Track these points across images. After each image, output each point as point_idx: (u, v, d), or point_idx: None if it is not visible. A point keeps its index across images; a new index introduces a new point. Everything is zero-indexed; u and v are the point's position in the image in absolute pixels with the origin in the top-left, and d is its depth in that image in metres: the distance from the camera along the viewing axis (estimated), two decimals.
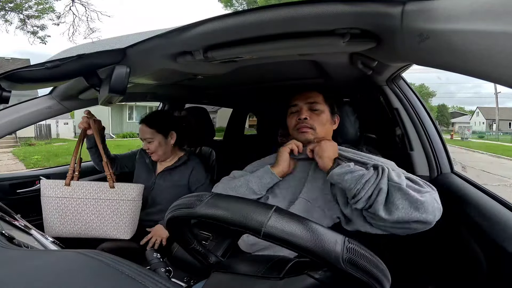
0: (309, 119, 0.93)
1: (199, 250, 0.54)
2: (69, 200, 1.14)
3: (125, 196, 1.16)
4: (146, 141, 1.31)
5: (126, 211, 1.16)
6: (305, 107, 0.96)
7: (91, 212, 1.15)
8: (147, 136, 1.30)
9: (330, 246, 0.35)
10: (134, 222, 1.18)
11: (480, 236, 0.70)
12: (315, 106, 0.96)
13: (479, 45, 0.34)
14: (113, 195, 1.16)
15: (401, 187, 0.68)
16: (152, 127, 1.30)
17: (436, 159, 1.05)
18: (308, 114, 0.95)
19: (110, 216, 1.15)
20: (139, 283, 0.34)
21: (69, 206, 1.14)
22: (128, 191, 1.17)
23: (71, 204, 1.14)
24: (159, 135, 1.31)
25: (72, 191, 1.15)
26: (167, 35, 0.68)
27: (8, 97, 0.72)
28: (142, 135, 1.32)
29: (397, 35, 0.50)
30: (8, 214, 0.74)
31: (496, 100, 29.12)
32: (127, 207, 1.16)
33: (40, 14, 10.82)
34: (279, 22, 0.55)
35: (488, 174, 8.09)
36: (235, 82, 1.36)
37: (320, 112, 0.96)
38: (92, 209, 1.15)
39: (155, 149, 1.31)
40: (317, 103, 0.96)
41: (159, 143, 1.31)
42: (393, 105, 1.13)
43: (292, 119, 0.98)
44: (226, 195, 0.45)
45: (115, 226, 1.15)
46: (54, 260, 0.42)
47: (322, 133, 0.94)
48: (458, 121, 41.84)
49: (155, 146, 1.30)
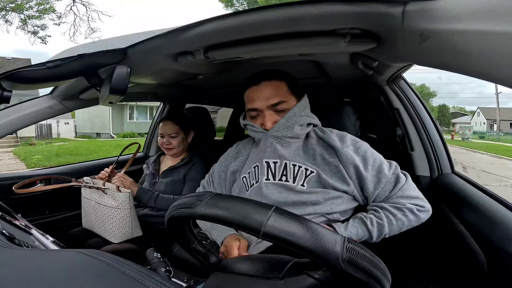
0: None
1: (199, 250, 0.54)
2: (85, 201, 1.26)
3: (111, 203, 1.18)
4: (169, 137, 1.38)
5: (113, 217, 1.17)
6: (269, 112, 0.83)
7: (93, 214, 1.23)
8: (171, 132, 1.38)
9: (329, 246, 0.35)
10: (121, 228, 1.17)
11: (480, 236, 0.70)
12: (280, 106, 0.82)
13: (480, 45, 0.34)
14: (105, 201, 1.19)
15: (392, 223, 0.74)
16: (178, 124, 1.39)
17: (436, 159, 1.05)
18: (274, 119, 0.83)
19: (103, 219, 1.20)
20: (139, 283, 0.34)
21: (85, 206, 1.26)
22: (116, 199, 1.18)
23: (85, 204, 1.26)
24: (182, 132, 1.40)
25: (87, 193, 1.26)
26: (168, 35, 0.68)
27: (9, 97, 0.72)
28: (165, 131, 1.38)
29: (398, 35, 0.50)
30: (8, 213, 0.74)
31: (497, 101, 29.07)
32: (113, 214, 1.17)
33: (41, 14, 10.83)
34: (280, 22, 0.55)
35: (488, 175, 8.07)
36: (236, 82, 1.36)
37: (286, 107, 0.83)
38: (94, 211, 1.23)
39: (178, 144, 1.39)
40: (282, 101, 0.82)
41: (182, 139, 1.40)
42: (394, 105, 1.13)
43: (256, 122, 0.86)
44: (226, 195, 0.45)
45: (106, 229, 1.20)
46: (54, 259, 0.42)
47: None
48: (459, 121, 41.76)
49: (178, 142, 1.39)
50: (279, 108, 0.82)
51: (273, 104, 0.82)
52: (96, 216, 1.21)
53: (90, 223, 1.26)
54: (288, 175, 0.81)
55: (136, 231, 1.21)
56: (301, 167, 0.81)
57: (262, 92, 0.83)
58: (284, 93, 0.83)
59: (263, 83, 0.83)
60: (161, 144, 1.41)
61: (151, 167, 1.46)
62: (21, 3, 10.42)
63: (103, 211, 1.19)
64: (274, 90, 0.82)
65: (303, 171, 0.80)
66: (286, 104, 0.83)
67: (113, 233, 1.17)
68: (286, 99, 0.83)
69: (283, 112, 0.83)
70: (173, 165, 1.41)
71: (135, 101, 2.19)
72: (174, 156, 1.43)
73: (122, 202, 1.16)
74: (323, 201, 0.78)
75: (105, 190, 1.18)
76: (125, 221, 1.17)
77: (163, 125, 1.40)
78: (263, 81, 0.83)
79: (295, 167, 0.81)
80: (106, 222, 1.18)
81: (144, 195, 1.31)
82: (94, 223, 1.23)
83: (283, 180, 0.81)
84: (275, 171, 0.83)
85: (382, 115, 1.24)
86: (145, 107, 16.19)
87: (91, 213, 1.24)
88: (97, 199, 1.21)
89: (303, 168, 0.80)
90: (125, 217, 1.17)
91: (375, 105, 1.28)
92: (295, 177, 0.81)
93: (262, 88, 0.83)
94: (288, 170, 0.81)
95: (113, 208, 1.16)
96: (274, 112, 0.83)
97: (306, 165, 0.81)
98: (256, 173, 0.85)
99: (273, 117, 0.83)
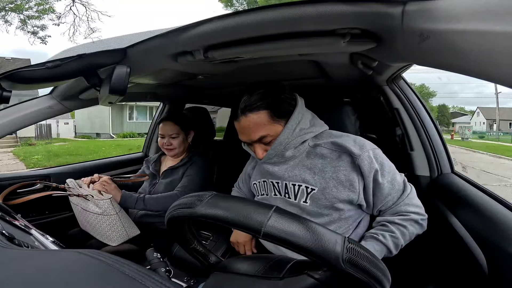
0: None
1: (199, 250, 0.54)
2: (73, 206, 1.20)
3: (96, 210, 1.11)
4: (170, 137, 1.37)
5: (102, 223, 1.12)
6: (257, 144, 0.81)
7: (84, 219, 1.18)
8: (172, 133, 1.37)
9: (330, 246, 0.35)
10: (114, 232, 1.12)
11: (480, 236, 0.70)
12: (264, 140, 0.80)
13: (480, 45, 0.34)
14: (89, 207, 1.12)
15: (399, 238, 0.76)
16: (179, 124, 1.39)
17: (436, 159, 1.05)
18: (264, 148, 0.82)
19: (93, 225, 1.14)
20: (139, 283, 0.34)
21: (75, 210, 1.21)
22: (99, 206, 1.11)
23: (75, 208, 1.20)
24: (182, 132, 1.40)
25: (73, 198, 1.18)
26: (168, 35, 0.68)
27: (9, 97, 0.72)
28: (166, 132, 1.37)
29: (398, 35, 0.50)
30: (8, 214, 0.74)
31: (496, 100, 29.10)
32: (100, 220, 1.11)
33: (41, 15, 10.83)
34: (279, 22, 0.55)
35: (488, 174, 8.07)
36: (235, 82, 1.36)
37: (271, 138, 0.79)
38: (83, 217, 1.17)
39: (179, 144, 1.38)
40: (267, 135, 0.78)
41: (183, 139, 1.40)
42: (394, 105, 1.13)
43: (252, 148, 0.85)
44: (226, 195, 0.45)
45: (100, 233, 1.14)
46: (54, 259, 0.42)
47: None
48: (458, 121, 41.82)
49: (178, 142, 1.38)
50: (264, 141, 0.80)
51: (256, 139, 0.79)
52: (86, 221, 1.16)
53: (84, 227, 1.22)
54: (290, 193, 0.83)
55: (132, 231, 1.17)
56: (301, 185, 0.80)
57: (243, 128, 0.79)
58: (265, 125, 0.78)
59: (242, 118, 0.78)
60: (162, 145, 1.40)
61: (152, 167, 1.46)
62: (20, 3, 10.41)
63: (91, 217, 1.13)
64: (254, 125, 0.77)
65: (304, 189, 0.80)
66: (270, 136, 0.79)
67: (108, 237, 1.13)
68: (268, 132, 0.78)
69: (271, 143, 0.80)
70: (172, 165, 1.40)
71: (135, 101, 2.19)
72: (175, 157, 1.43)
73: (106, 208, 1.10)
74: (331, 220, 0.79)
75: (86, 196, 1.11)
76: (116, 225, 1.11)
77: (163, 126, 1.39)
78: (241, 116, 0.78)
79: (294, 186, 0.81)
80: (97, 227, 1.13)
81: (129, 199, 1.24)
82: (87, 227, 1.19)
83: (287, 197, 0.84)
84: (279, 189, 0.85)
85: (382, 115, 1.24)
86: (145, 107, 16.18)
87: (82, 219, 1.18)
88: (83, 205, 1.14)
89: (303, 186, 0.80)
90: (114, 222, 1.11)
91: (374, 105, 1.28)
92: (296, 195, 0.82)
93: (242, 124, 0.79)
94: (289, 189, 0.83)
95: (99, 215, 1.10)
96: (262, 144, 0.81)
97: (306, 183, 0.80)
98: (265, 188, 0.90)
99: (262, 147, 0.81)
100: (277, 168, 0.84)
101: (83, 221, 1.19)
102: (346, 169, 0.77)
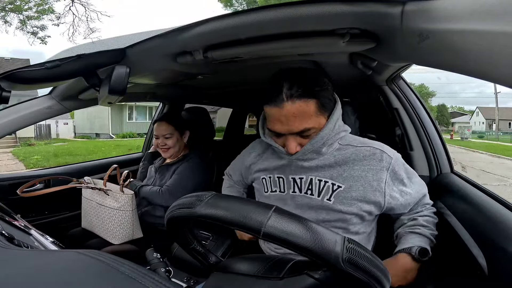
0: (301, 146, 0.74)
1: (199, 250, 0.54)
2: (86, 201, 1.27)
3: (113, 204, 1.18)
4: (164, 138, 1.37)
5: (114, 219, 1.18)
6: (292, 136, 0.72)
7: (94, 215, 1.23)
8: (165, 133, 1.36)
9: (330, 246, 0.35)
10: (122, 229, 1.17)
11: (480, 236, 0.70)
12: (306, 133, 0.71)
13: (479, 45, 0.34)
14: (106, 202, 1.20)
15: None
16: (172, 124, 1.38)
17: (436, 159, 1.05)
18: (299, 142, 0.73)
19: (103, 220, 1.20)
20: (139, 283, 0.34)
21: (85, 206, 1.27)
22: (118, 200, 1.18)
23: (86, 204, 1.27)
24: (177, 132, 1.38)
25: (88, 193, 1.27)
26: (167, 35, 0.68)
27: (8, 97, 0.72)
28: (160, 132, 1.37)
29: (397, 35, 0.50)
30: (8, 214, 0.74)
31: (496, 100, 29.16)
32: (114, 215, 1.17)
33: (40, 15, 10.81)
34: (279, 22, 0.55)
35: (487, 174, 8.09)
36: (235, 82, 1.37)
37: (313, 131, 0.71)
38: (95, 212, 1.23)
39: (173, 144, 1.37)
40: (312, 127, 0.70)
41: (177, 139, 1.38)
42: (393, 105, 1.13)
43: (278, 141, 0.76)
44: (226, 195, 0.45)
45: (107, 230, 1.20)
46: (54, 260, 0.42)
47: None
48: (458, 121, 41.89)
49: (173, 142, 1.37)
50: (305, 134, 0.71)
51: (298, 131, 0.70)
52: (97, 217, 1.21)
53: (90, 223, 1.25)
54: (314, 189, 0.79)
55: (137, 232, 1.21)
56: (327, 182, 0.77)
57: (285, 116, 0.67)
58: (312, 117, 0.68)
59: (286, 105, 0.66)
60: (157, 146, 1.41)
61: (158, 163, 1.47)
62: (20, 4, 10.39)
63: (104, 212, 1.19)
64: (300, 114, 0.67)
65: (330, 186, 0.77)
66: (314, 129, 0.70)
67: (113, 234, 1.17)
68: (313, 124, 0.69)
69: (309, 137, 0.72)
70: (168, 162, 1.42)
71: (134, 101, 2.19)
72: (171, 158, 1.43)
73: (125, 203, 1.16)
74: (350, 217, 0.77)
75: (107, 191, 1.18)
76: (127, 222, 1.17)
77: (157, 126, 1.39)
78: (286, 102, 0.66)
79: (320, 182, 0.78)
80: (107, 223, 1.18)
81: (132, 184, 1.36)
82: (94, 224, 1.23)
83: (308, 194, 0.79)
84: (301, 186, 0.80)
85: (382, 115, 1.24)
86: (144, 107, 16.18)
87: (92, 214, 1.23)
88: (99, 200, 1.20)
89: (330, 183, 0.77)
90: (126, 218, 1.17)
91: (374, 105, 1.28)
92: (320, 192, 0.78)
93: (284, 112, 0.67)
94: (313, 185, 0.79)
95: (115, 209, 1.16)
96: (299, 136, 0.72)
97: (333, 180, 0.77)
98: (279, 184, 0.83)
99: (298, 140, 0.72)
100: (306, 163, 0.79)
101: (92, 217, 1.23)
102: (375, 169, 0.75)
